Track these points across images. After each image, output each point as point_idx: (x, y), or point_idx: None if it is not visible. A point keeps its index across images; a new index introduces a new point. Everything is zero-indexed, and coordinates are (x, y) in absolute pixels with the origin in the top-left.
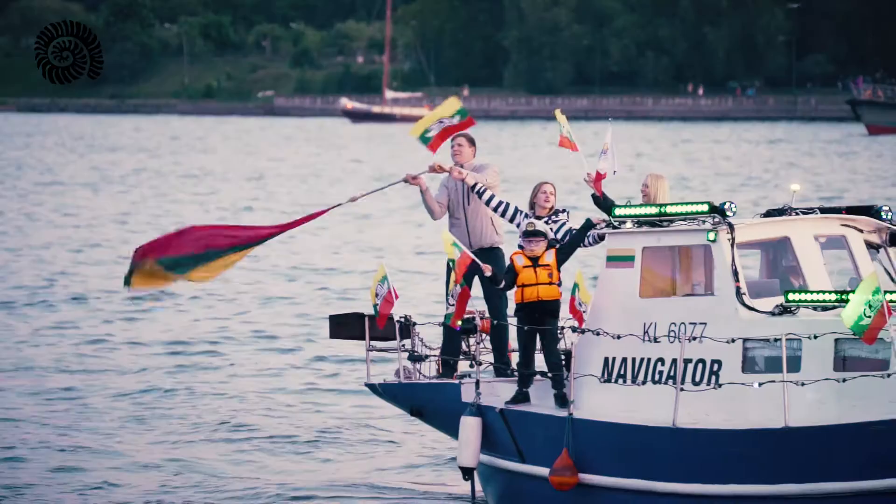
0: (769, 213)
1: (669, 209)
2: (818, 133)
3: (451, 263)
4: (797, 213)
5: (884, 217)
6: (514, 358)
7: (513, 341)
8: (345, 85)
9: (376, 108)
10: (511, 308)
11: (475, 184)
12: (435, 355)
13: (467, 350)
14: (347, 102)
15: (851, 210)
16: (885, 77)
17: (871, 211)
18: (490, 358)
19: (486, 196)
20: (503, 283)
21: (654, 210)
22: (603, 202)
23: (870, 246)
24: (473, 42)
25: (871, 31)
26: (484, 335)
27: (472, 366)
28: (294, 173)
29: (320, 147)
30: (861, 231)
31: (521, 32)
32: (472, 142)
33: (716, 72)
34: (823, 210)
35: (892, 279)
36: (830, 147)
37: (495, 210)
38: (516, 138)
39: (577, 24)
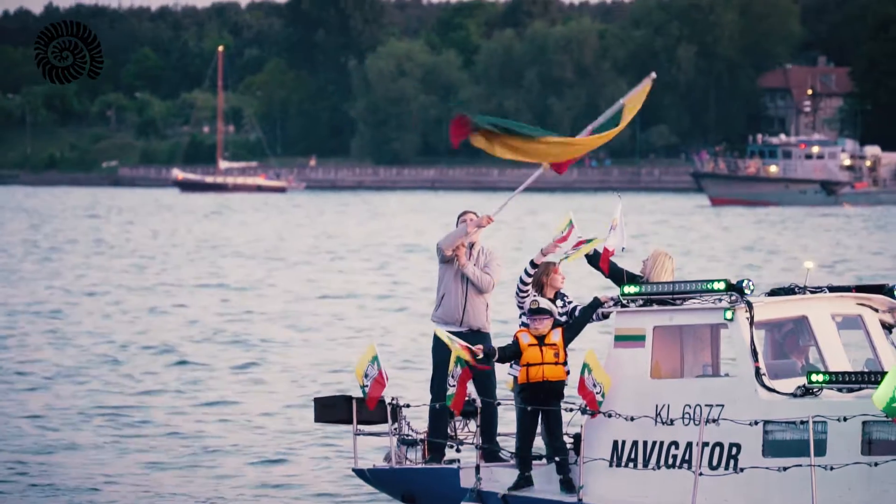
0: (775, 292)
1: (683, 287)
2: (663, 204)
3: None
4: (809, 292)
5: None
6: (502, 441)
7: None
8: (190, 155)
9: (209, 178)
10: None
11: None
12: (427, 440)
13: (453, 434)
14: (178, 173)
15: (862, 288)
16: (727, 149)
17: (883, 289)
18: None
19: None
20: (497, 355)
21: (666, 288)
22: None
23: (882, 325)
24: (320, 112)
25: (713, 103)
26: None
27: (458, 450)
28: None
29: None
30: (876, 310)
31: (368, 103)
32: None
33: None
34: (832, 288)
35: None
36: (675, 218)
37: (525, 277)
38: (364, 207)
39: (423, 95)
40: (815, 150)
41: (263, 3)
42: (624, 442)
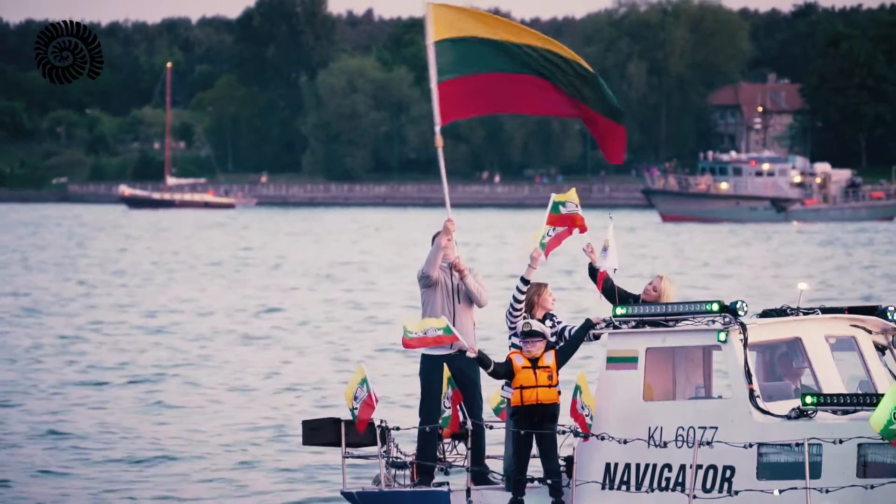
0: (766, 314)
1: (676, 308)
2: (615, 220)
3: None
4: (802, 313)
5: (890, 317)
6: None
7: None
8: (140, 171)
9: (156, 195)
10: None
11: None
12: (416, 462)
13: (442, 456)
14: (125, 189)
15: (854, 310)
16: (678, 166)
17: (876, 311)
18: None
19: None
20: (492, 367)
21: (659, 309)
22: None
23: (876, 347)
24: (272, 128)
25: (664, 120)
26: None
27: (446, 473)
28: None
29: None
30: (870, 332)
31: (320, 119)
32: (455, 242)
33: (512, 159)
34: (825, 310)
35: None
36: (626, 235)
37: (518, 295)
38: (314, 223)
39: (375, 112)
40: (766, 167)
41: (214, 18)
42: (616, 464)
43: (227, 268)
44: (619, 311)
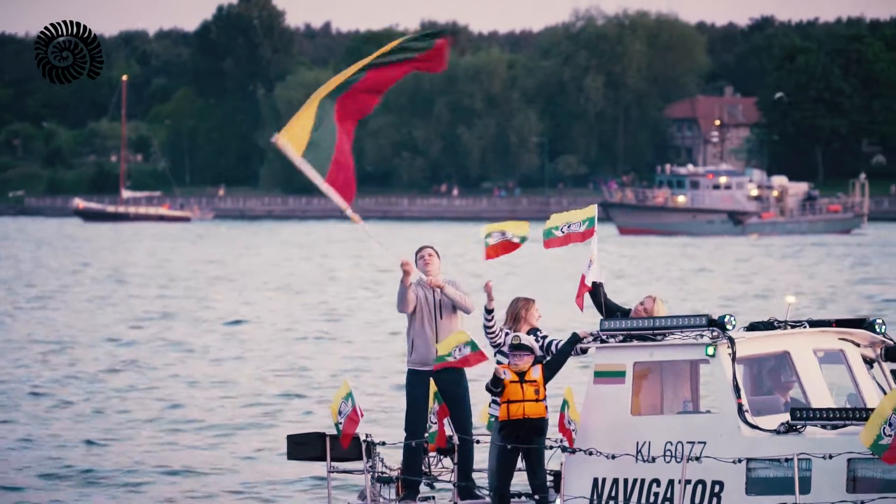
0: (753, 327)
1: (664, 322)
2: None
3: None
4: (790, 327)
5: (878, 330)
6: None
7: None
8: (96, 184)
9: (110, 208)
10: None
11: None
12: (402, 477)
13: (428, 471)
14: (80, 202)
15: (842, 323)
16: (636, 179)
17: (863, 324)
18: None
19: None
20: (498, 386)
21: (646, 323)
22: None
23: (864, 360)
24: (229, 141)
25: (621, 133)
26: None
27: (432, 487)
28: None
29: None
30: (858, 345)
31: (277, 132)
32: (438, 254)
33: (470, 172)
34: (813, 323)
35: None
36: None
37: (487, 322)
38: (271, 236)
39: None
40: (723, 180)
41: (171, 31)
42: (604, 479)
43: (185, 281)
44: (606, 324)
